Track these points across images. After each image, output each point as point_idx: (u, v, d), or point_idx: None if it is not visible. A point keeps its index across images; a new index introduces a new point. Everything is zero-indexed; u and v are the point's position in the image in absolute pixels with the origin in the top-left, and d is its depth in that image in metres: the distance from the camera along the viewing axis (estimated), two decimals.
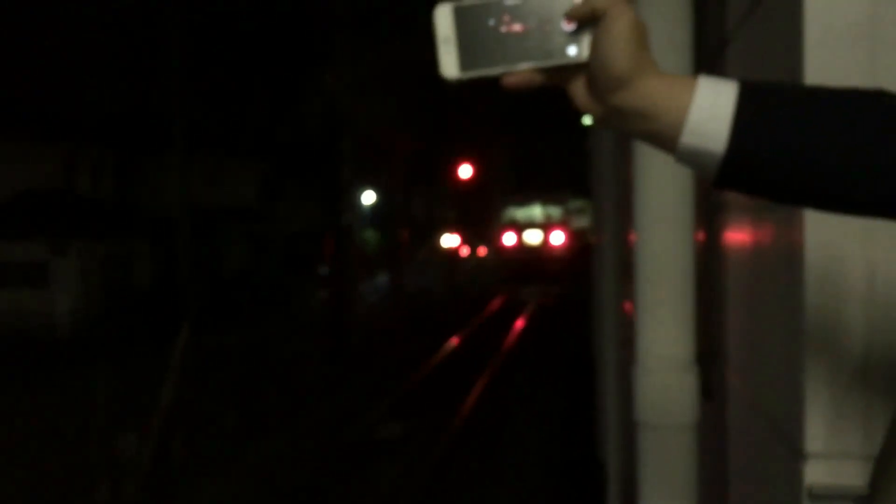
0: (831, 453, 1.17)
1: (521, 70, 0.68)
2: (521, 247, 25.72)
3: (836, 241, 1.16)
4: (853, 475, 1.16)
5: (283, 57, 19.35)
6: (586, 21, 0.67)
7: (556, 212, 26.04)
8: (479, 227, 41.74)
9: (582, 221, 23.75)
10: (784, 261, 1.26)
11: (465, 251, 37.76)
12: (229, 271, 23.01)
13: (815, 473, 1.17)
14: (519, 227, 26.12)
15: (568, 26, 0.67)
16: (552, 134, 31.69)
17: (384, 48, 16.01)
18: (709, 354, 1.86)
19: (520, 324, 17.74)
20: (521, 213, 26.40)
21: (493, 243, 29.36)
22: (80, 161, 21.12)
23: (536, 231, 25.75)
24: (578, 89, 0.70)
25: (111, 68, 20.71)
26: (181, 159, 9.36)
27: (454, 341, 15.03)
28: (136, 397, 8.93)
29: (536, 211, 26.17)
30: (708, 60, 1.83)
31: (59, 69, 20.07)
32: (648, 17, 1.56)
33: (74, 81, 20.45)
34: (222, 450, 8.56)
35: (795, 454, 1.20)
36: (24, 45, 19.26)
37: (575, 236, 24.73)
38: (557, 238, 25.49)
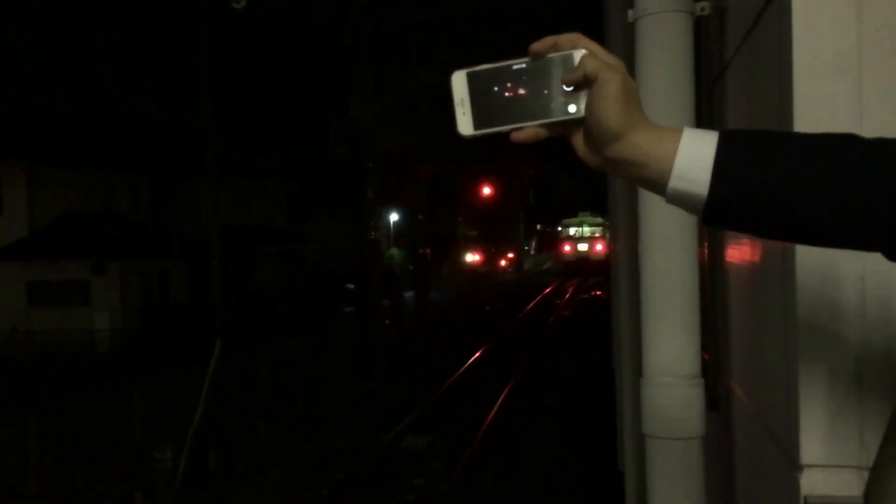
0: (827, 464, 1.20)
1: (527, 126, 0.75)
2: (574, 252, 39.77)
3: (826, 258, 1.19)
4: (849, 485, 1.19)
5: (310, 84, 19.77)
6: (581, 84, 0.74)
7: (597, 229, 38.52)
8: (501, 243, 42.50)
9: None
10: (778, 276, 1.29)
11: (487, 264, 39.71)
12: (261, 289, 23.36)
13: (812, 483, 1.20)
14: (573, 240, 40.55)
15: (567, 88, 0.75)
16: (570, 152, 35.96)
17: (407, 75, 16.29)
18: (716, 366, 1.88)
19: (546, 334, 17.71)
20: (573, 231, 40.47)
21: (555, 251, 45.77)
22: (118, 185, 21.70)
23: (584, 243, 39.73)
24: (578, 141, 0.78)
25: (146, 96, 21.32)
26: (213, 182, 9.64)
27: (478, 354, 15.05)
28: (172, 410, 9.13)
29: (584, 228, 39.94)
30: (709, 87, 1.88)
31: (96, 98, 20.73)
32: (651, 45, 1.61)
33: (112, 110, 21.09)
34: (254, 461, 8.70)
35: (793, 464, 1.23)
36: (64, 77, 19.99)
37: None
38: (598, 247, 37.87)
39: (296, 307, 21.43)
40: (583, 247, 39.19)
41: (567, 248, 40.48)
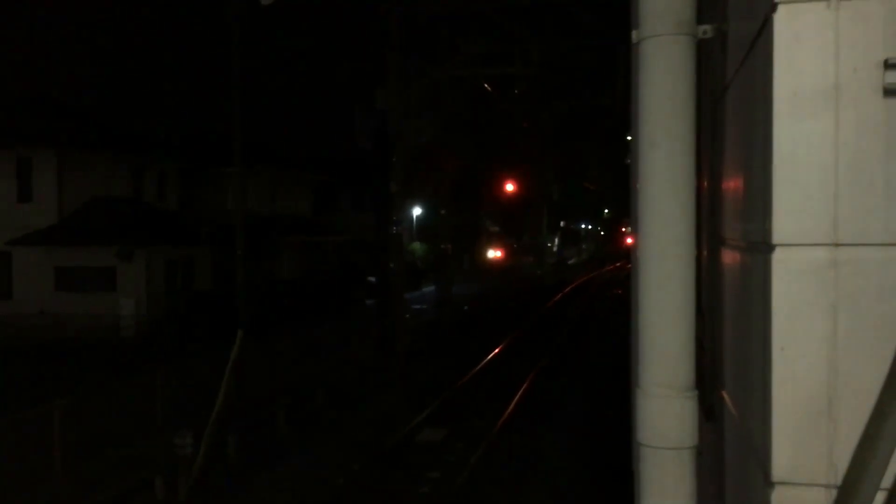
0: (797, 482, 1.25)
1: None
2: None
3: (801, 287, 1.24)
4: (817, 502, 1.24)
5: (338, 76, 19.92)
6: None
7: None
8: (524, 239, 42.49)
9: None
10: (760, 298, 1.34)
11: (510, 260, 39.46)
12: (285, 278, 23.63)
13: (782, 500, 1.26)
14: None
15: None
16: (595, 148, 35.65)
17: (434, 68, 16.29)
18: (712, 376, 1.92)
19: (565, 330, 17.70)
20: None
21: (620, 242, 54.28)
22: (146, 172, 22.06)
23: None
24: None
25: (177, 87, 21.63)
26: (240, 173, 9.82)
27: (497, 349, 15.09)
28: (194, 396, 9.32)
29: None
30: (712, 104, 1.92)
31: (127, 87, 21.09)
32: (654, 67, 1.64)
33: (143, 99, 21.43)
34: (272, 449, 8.87)
35: (766, 480, 1.28)
36: (97, 68, 20.36)
37: None
38: None
39: (318, 298, 21.64)
40: None
41: (630, 240, 63.95)
